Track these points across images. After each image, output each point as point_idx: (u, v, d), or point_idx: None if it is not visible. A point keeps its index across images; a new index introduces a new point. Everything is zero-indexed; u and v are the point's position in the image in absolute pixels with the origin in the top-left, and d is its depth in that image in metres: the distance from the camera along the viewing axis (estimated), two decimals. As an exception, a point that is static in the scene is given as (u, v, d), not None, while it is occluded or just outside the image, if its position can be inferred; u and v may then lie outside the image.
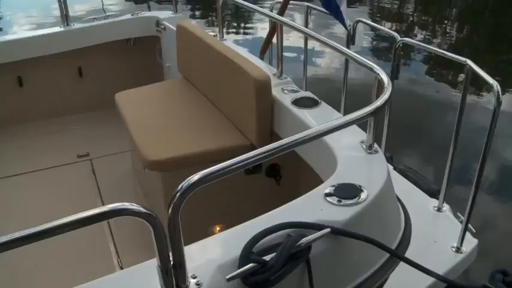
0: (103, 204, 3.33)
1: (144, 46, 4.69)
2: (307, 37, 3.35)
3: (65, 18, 4.49)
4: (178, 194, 1.16)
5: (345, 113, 2.73)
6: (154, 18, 4.49)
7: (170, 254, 1.21)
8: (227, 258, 1.35)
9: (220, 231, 2.71)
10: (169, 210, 1.16)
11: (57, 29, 4.49)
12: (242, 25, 10.98)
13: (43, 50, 4.38)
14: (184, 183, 1.17)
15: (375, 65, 1.95)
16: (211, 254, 1.41)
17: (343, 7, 2.84)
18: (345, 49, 2.26)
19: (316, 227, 1.45)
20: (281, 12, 3.32)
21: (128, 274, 1.41)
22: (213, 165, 1.25)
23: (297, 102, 2.53)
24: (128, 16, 4.66)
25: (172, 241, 1.19)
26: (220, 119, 2.98)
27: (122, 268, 2.80)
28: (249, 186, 2.74)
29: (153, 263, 1.29)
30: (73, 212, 1.10)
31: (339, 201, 1.60)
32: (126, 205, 1.13)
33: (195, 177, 1.19)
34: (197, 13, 12.06)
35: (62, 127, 4.55)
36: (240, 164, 1.27)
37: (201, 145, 2.70)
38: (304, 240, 1.37)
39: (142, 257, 2.93)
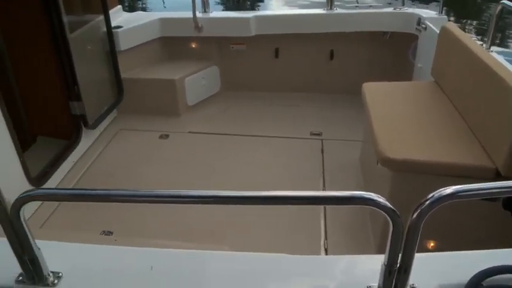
0: (324, 185, 3.47)
1: (399, 42, 4.63)
2: None
3: (330, 1, 4.70)
4: (428, 202, 1.13)
5: None
6: (416, 16, 4.38)
7: (400, 255, 1.19)
8: (451, 281, 1.29)
9: (435, 248, 2.59)
10: (414, 215, 1.14)
11: (319, 10, 4.74)
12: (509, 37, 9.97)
13: (302, 28, 4.70)
14: (436, 194, 1.13)
15: None
16: (435, 270, 1.36)
17: None
18: None
19: None
20: None
21: (346, 261, 1.44)
22: (449, 180, 1.18)
23: None
24: (390, 9, 4.64)
25: (407, 244, 1.17)
26: (466, 133, 2.79)
27: (326, 251, 2.89)
28: (479, 212, 2.52)
29: (374, 258, 1.30)
30: (294, 184, 1.16)
31: None
32: (373, 196, 1.14)
33: (448, 190, 1.14)
34: (452, 16, 11.37)
35: (303, 102, 4.87)
36: (499, 191, 1.17)
37: (440, 155, 2.57)
38: None
39: (346, 248, 2.97)
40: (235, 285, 1.35)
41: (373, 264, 1.35)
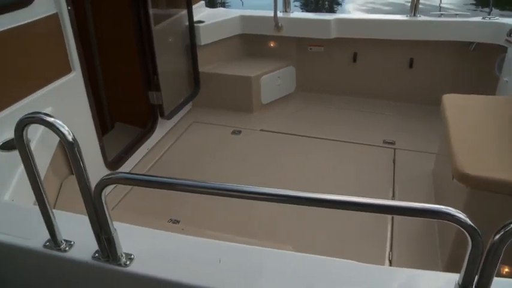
0: (393, 195, 3.38)
1: (485, 54, 4.40)
2: None
3: (414, 8, 4.57)
4: None
5: None
6: (508, 26, 4.13)
7: (476, 277, 1.14)
8: None
9: (510, 274, 2.44)
10: (497, 237, 1.08)
11: (402, 17, 4.61)
12: None
13: (383, 34, 4.59)
14: None
15: None
16: None
17: None
18: None
19: None
20: None
21: (412, 274, 1.39)
22: None
23: None
24: (478, 19, 4.42)
25: (485, 267, 1.12)
26: None
27: (390, 262, 2.81)
28: None
29: (441, 276, 1.25)
30: (361, 191, 1.13)
31: None
32: (453, 211, 1.10)
33: None
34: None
35: (378, 109, 4.77)
36: None
37: None
38: None
39: (411, 261, 2.87)
40: (298, 287, 1.34)
41: (440, 281, 1.30)
